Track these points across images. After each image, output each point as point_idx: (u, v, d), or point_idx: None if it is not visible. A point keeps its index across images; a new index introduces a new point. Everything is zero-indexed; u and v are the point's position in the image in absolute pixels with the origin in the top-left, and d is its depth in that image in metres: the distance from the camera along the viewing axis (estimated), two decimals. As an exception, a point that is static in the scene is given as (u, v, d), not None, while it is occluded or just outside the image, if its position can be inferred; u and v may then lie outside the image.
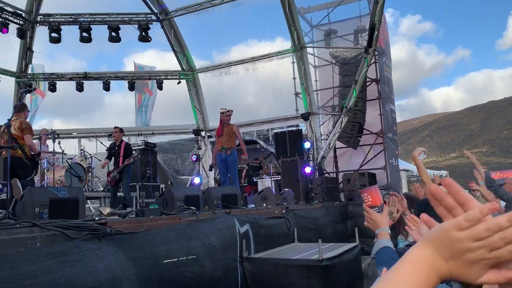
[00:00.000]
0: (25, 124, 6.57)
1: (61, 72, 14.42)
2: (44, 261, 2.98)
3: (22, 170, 6.47)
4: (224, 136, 8.62)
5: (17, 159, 6.41)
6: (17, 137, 6.41)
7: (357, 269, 6.00)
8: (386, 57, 13.64)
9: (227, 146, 8.56)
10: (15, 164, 6.34)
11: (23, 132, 6.48)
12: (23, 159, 6.45)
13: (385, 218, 2.12)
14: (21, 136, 6.46)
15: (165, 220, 4.61)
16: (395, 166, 12.67)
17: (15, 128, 6.45)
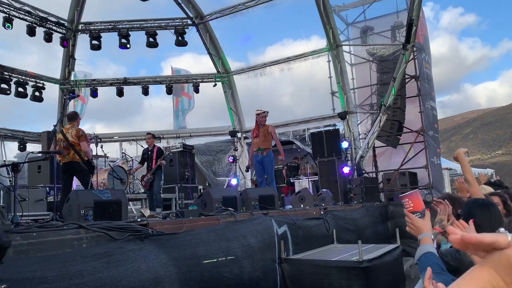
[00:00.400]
0: (81, 132, 7.01)
1: (102, 78, 14.93)
2: (90, 261, 3.08)
3: (79, 174, 6.95)
4: (260, 137, 8.63)
5: (75, 164, 6.87)
6: (74, 144, 6.84)
7: (398, 270, 5.85)
8: (425, 53, 13.25)
9: (263, 147, 8.56)
10: (73, 168, 6.87)
11: (79, 139, 6.89)
12: (81, 164, 6.87)
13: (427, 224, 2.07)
14: (77, 143, 6.88)
15: (204, 221, 4.68)
16: (437, 165, 12.28)
17: (72, 136, 6.87)
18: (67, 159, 6.85)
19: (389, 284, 5.24)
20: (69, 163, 6.84)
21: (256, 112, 8.88)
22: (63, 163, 6.86)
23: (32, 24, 12.18)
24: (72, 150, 6.80)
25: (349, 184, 11.23)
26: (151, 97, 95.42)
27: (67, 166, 6.87)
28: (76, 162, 6.84)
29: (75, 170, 6.92)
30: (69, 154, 6.84)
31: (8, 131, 13.57)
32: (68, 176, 6.97)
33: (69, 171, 6.92)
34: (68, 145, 6.80)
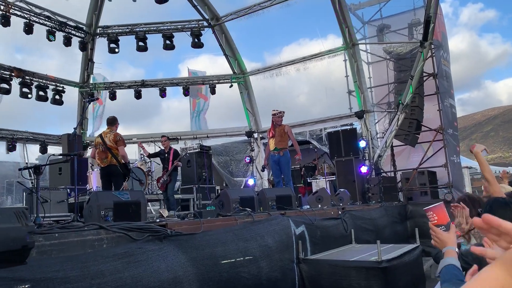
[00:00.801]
0: (119, 136, 7.28)
1: (120, 81, 15.13)
2: (111, 261, 3.13)
3: (115, 177, 7.21)
4: (276, 137, 8.61)
5: (113, 167, 7.16)
6: (111, 148, 7.13)
7: (418, 270, 5.78)
8: (444, 50, 13.05)
9: (280, 146, 8.54)
10: (110, 172, 7.16)
11: (117, 143, 7.18)
12: (118, 168, 7.15)
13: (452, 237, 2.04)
14: (115, 147, 7.16)
15: (222, 222, 4.71)
16: (456, 164, 12.09)
17: (110, 140, 7.17)
18: (105, 163, 7.14)
19: (409, 284, 5.19)
20: (107, 167, 7.12)
21: (272, 112, 8.87)
22: (102, 167, 7.18)
23: (52, 28, 12.42)
24: (110, 154, 7.08)
25: (367, 183, 11.13)
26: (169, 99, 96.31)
27: (105, 170, 7.17)
28: (114, 165, 7.12)
29: (112, 173, 7.18)
30: (107, 158, 7.14)
31: (30, 134, 13.88)
32: (107, 179, 7.27)
33: (108, 175, 7.21)
34: (106, 149, 7.08)
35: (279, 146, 8.53)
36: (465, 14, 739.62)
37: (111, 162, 7.10)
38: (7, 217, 1.90)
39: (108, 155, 7.11)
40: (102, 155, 7.18)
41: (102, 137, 7.22)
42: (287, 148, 8.64)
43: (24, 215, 1.95)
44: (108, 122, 7.50)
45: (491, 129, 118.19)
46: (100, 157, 7.23)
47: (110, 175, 7.21)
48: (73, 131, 6.23)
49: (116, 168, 7.11)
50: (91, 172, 9.61)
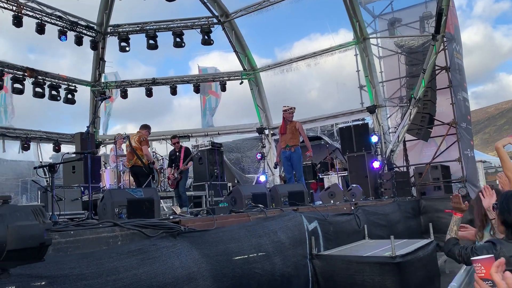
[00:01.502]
0: (143, 137, 7.73)
1: (131, 79, 15.22)
2: (126, 258, 3.15)
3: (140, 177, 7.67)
4: (287, 134, 8.59)
5: (137, 167, 7.60)
6: (136, 149, 7.57)
7: (433, 266, 5.73)
8: (456, 43, 12.87)
9: (291, 143, 8.51)
10: (136, 172, 7.63)
11: (141, 144, 7.60)
12: (142, 168, 7.57)
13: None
14: (139, 147, 7.59)
15: (235, 218, 4.71)
16: (470, 158, 11.94)
17: (135, 141, 7.61)
18: (131, 163, 7.60)
19: (424, 279, 5.15)
20: (133, 167, 7.58)
21: (283, 108, 8.85)
22: (129, 167, 7.67)
23: (63, 28, 12.53)
24: (135, 155, 7.51)
25: (380, 179, 11.06)
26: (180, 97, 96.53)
27: (131, 170, 7.66)
28: (138, 166, 7.54)
29: (137, 173, 7.66)
30: (133, 159, 7.58)
31: (43, 133, 14.04)
32: (135, 178, 7.81)
33: (135, 174, 7.73)
34: (131, 150, 7.51)
35: (291, 143, 8.52)
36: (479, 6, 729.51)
37: (135, 163, 7.51)
38: (25, 215, 1.92)
39: (134, 156, 7.52)
40: (129, 156, 7.65)
41: (129, 139, 7.70)
42: (299, 144, 8.62)
43: (42, 212, 1.97)
44: (140, 127, 7.99)
45: (504, 123, 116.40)
46: (128, 158, 7.72)
47: (136, 174, 7.70)
48: (86, 130, 6.30)
49: (140, 168, 7.53)
50: (104, 170, 9.69)
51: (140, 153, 7.49)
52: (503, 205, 2.38)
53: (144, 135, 7.75)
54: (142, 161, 7.51)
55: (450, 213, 3.10)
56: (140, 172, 7.57)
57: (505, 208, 2.35)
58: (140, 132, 7.76)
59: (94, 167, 9.34)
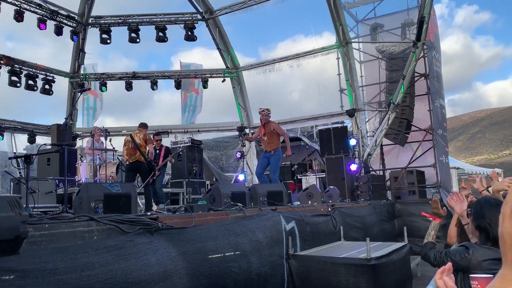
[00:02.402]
0: (148, 136, 8.04)
1: (111, 72, 14.98)
2: (101, 253, 3.10)
3: (142, 173, 7.86)
4: (265, 138, 8.50)
5: (140, 163, 7.76)
6: (140, 146, 7.77)
7: (406, 269, 5.85)
8: (436, 51, 13.15)
9: (269, 149, 8.44)
10: (138, 167, 7.80)
11: (146, 142, 7.87)
12: (144, 164, 7.76)
13: None
14: (144, 145, 7.83)
15: (213, 216, 4.70)
16: (445, 164, 12.22)
17: (140, 139, 7.84)
18: (133, 159, 7.73)
19: (397, 282, 5.24)
20: (135, 163, 7.72)
21: (259, 110, 8.82)
22: (130, 162, 7.77)
23: (43, 17, 12.23)
24: (138, 152, 7.69)
25: (356, 181, 11.21)
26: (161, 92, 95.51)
27: (133, 165, 7.75)
28: (141, 162, 7.73)
29: (139, 169, 7.81)
30: (135, 154, 7.73)
31: (18, 123, 13.68)
32: (133, 174, 7.92)
33: (134, 170, 7.85)
34: (135, 146, 7.68)
35: (269, 148, 8.46)
36: (460, 15, 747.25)
37: (139, 159, 7.71)
38: (1, 206, 1.86)
39: (137, 152, 7.70)
40: (131, 152, 7.76)
41: (132, 136, 7.84)
42: (279, 146, 8.55)
43: (18, 204, 1.92)
44: (140, 125, 8.30)
45: (477, 131, 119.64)
46: (129, 153, 7.79)
47: (137, 170, 7.85)
48: (64, 121, 6.16)
49: (143, 164, 7.73)
50: (80, 164, 9.51)
51: (143, 150, 7.76)
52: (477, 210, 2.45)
53: (147, 134, 8.15)
54: (146, 158, 7.75)
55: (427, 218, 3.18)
56: (142, 168, 7.78)
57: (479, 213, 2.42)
58: (142, 131, 8.08)
59: (70, 160, 9.16)
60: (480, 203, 2.51)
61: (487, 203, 2.47)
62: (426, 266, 8.79)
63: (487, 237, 2.36)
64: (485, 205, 2.45)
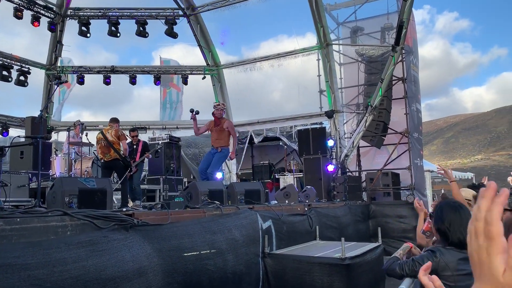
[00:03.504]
0: (120, 131, 7.75)
1: (89, 66, 14.71)
2: (74, 249, 3.06)
3: (119, 170, 7.66)
4: (214, 134, 8.16)
5: (117, 161, 7.56)
6: (113, 143, 7.52)
7: (379, 269, 5.94)
8: (414, 56, 13.40)
9: (216, 145, 8.08)
10: (114, 165, 7.61)
11: (119, 138, 7.62)
12: (120, 161, 7.57)
13: None
14: (117, 142, 7.59)
15: (190, 214, 4.68)
16: (419, 167, 12.47)
17: (112, 135, 7.56)
18: (108, 157, 7.52)
19: (370, 282, 5.33)
20: (112, 161, 7.53)
21: (214, 104, 8.45)
22: (105, 160, 7.57)
23: (20, 6, 11.92)
24: (112, 149, 7.47)
25: (333, 182, 11.33)
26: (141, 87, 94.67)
27: (109, 163, 7.57)
28: (117, 159, 7.54)
29: (115, 167, 7.63)
30: (110, 153, 7.52)
31: (-10, 114, 13.31)
32: (108, 172, 7.73)
33: (110, 168, 7.67)
34: (108, 144, 7.44)
35: (216, 145, 8.10)
36: (441, 21, 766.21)
37: (115, 157, 7.52)
38: (-29, 199, 1.82)
39: (111, 150, 7.48)
40: (105, 150, 7.54)
41: (103, 133, 7.58)
42: (228, 146, 8.21)
43: (-11, 197, 1.88)
44: (111, 120, 7.95)
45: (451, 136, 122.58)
46: (103, 152, 7.58)
47: (113, 168, 7.68)
48: (39, 114, 6.01)
49: (119, 162, 7.56)
50: (54, 158, 9.31)
51: (117, 147, 7.54)
52: (438, 214, 2.51)
53: (120, 129, 7.84)
54: (120, 155, 7.54)
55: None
56: (118, 165, 7.59)
57: (439, 217, 2.48)
58: (113, 126, 7.77)
59: (44, 153, 8.97)
60: (441, 206, 2.56)
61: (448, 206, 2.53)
62: (399, 267, 8.95)
63: (446, 240, 2.43)
64: (445, 208, 2.50)
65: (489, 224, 0.70)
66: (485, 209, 0.72)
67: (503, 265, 0.69)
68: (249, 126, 14.83)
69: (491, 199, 0.72)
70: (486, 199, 0.72)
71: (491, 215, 0.71)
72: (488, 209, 0.71)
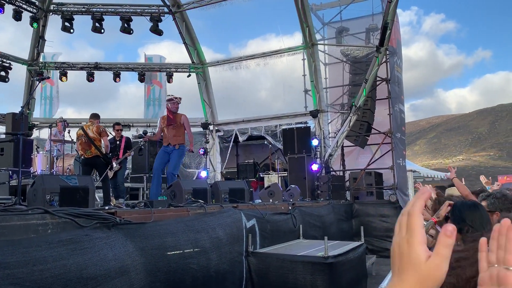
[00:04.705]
0: (102, 128, 7.63)
1: (72, 62, 14.50)
2: (55, 247, 3.03)
3: (100, 167, 7.55)
4: (170, 130, 7.64)
5: (97, 158, 7.45)
6: (94, 139, 7.41)
7: (361, 267, 6.01)
8: (398, 57, 13.56)
9: (174, 143, 7.60)
10: (95, 162, 7.49)
11: (100, 134, 7.50)
12: (101, 158, 7.45)
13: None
14: (98, 138, 7.48)
15: (173, 212, 4.66)
16: (402, 167, 12.63)
17: (93, 132, 7.45)
18: (89, 154, 7.41)
19: (352, 280, 5.38)
20: (93, 158, 7.42)
21: (167, 97, 7.95)
22: (86, 157, 7.44)
23: (1, 0, 11.67)
24: (93, 146, 7.36)
25: (317, 181, 11.40)
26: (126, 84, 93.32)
27: (90, 160, 7.45)
28: (98, 156, 7.43)
29: (96, 164, 7.51)
30: (91, 149, 7.40)
31: (-31, 110, 13.02)
32: (89, 169, 7.61)
33: (91, 165, 7.55)
34: (88, 140, 7.33)
35: (174, 142, 7.60)
36: (427, 23, 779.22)
37: (95, 154, 7.40)
38: None
39: (92, 147, 7.36)
40: (85, 147, 7.41)
41: (84, 129, 7.43)
42: (184, 142, 7.83)
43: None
44: (91, 116, 7.82)
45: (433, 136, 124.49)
46: (84, 149, 7.45)
47: (93, 165, 7.56)
48: (20, 110, 5.91)
49: (99, 159, 7.44)
50: (35, 155, 9.16)
51: (98, 144, 7.44)
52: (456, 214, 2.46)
53: (101, 126, 7.71)
54: (101, 152, 7.45)
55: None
56: (99, 163, 7.48)
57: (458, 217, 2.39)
58: (94, 122, 7.65)
59: (25, 150, 8.81)
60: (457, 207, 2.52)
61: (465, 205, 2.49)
62: (381, 266, 9.08)
63: None
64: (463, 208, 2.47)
65: (411, 216, 0.76)
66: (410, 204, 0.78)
67: (425, 253, 0.73)
68: (234, 124, 14.82)
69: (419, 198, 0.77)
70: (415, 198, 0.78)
71: (413, 208, 0.76)
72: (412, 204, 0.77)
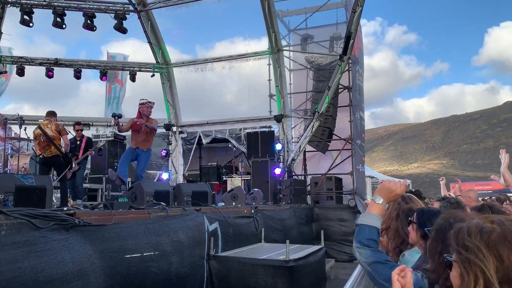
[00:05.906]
0: (61, 126, 7.39)
1: (30, 57, 13.95)
2: (9, 249, 2.91)
3: (59, 167, 7.32)
4: (141, 134, 7.62)
5: (57, 158, 7.22)
6: (53, 138, 7.16)
7: (321, 271, 6.12)
8: (359, 66, 13.94)
9: (142, 147, 7.62)
10: (54, 162, 7.28)
11: (60, 133, 7.26)
12: (60, 158, 7.23)
13: None
14: (58, 137, 7.23)
15: (134, 214, 4.58)
16: (361, 172, 12.97)
17: (52, 130, 7.19)
18: (49, 153, 7.17)
19: (312, 284, 5.47)
20: (52, 157, 7.19)
21: (140, 101, 7.88)
22: (45, 156, 7.18)
23: (-46, -12, 11.10)
24: (52, 145, 7.11)
25: (280, 185, 11.51)
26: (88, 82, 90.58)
27: (49, 160, 7.22)
28: (58, 156, 7.20)
29: (55, 163, 7.29)
30: (50, 148, 7.14)
31: None
32: (47, 168, 7.35)
33: (50, 164, 7.32)
34: (47, 139, 7.07)
35: (143, 146, 7.62)
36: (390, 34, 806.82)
37: (55, 153, 7.18)
38: None
39: (51, 146, 7.12)
40: (44, 146, 7.17)
41: (41, 128, 7.16)
42: (151, 146, 7.88)
43: None
44: (48, 114, 7.56)
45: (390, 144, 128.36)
46: (43, 148, 7.19)
47: (52, 164, 7.34)
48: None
49: (59, 158, 7.23)
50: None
51: (58, 143, 7.20)
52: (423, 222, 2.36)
53: (60, 124, 7.50)
54: (61, 151, 7.22)
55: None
56: (58, 162, 7.24)
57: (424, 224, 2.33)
58: (51, 120, 7.40)
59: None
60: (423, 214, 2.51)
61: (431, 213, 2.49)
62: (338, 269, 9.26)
63: None
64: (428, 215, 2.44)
65: None
66: None
67: None
68: (198, 126, 14.72)
69: None
70: None
71: None
72: None
